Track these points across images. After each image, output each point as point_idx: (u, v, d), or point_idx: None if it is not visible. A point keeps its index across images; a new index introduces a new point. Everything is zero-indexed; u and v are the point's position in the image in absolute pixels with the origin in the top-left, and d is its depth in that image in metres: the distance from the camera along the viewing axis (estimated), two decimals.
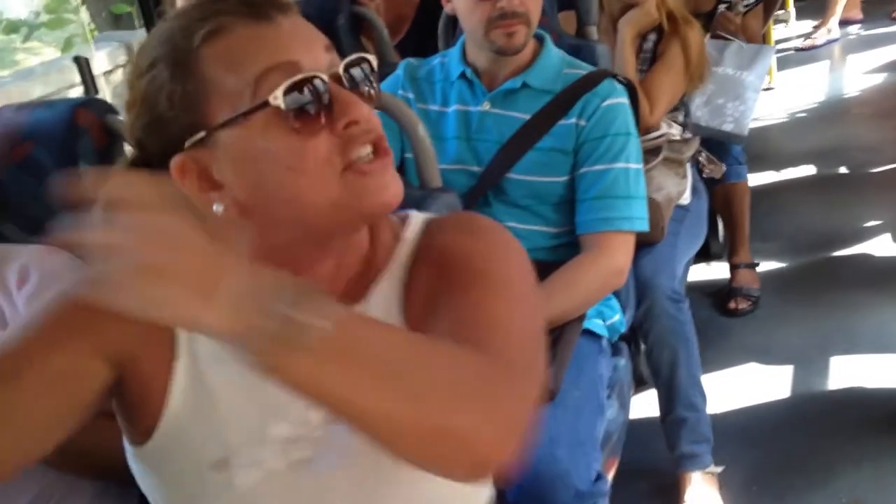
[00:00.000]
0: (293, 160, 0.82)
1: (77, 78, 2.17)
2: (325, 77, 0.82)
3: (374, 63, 0.88)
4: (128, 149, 1.61)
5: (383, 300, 0.92)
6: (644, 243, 1.89)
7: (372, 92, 0.87)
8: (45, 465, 1.35)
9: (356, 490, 0.90)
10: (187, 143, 0.83)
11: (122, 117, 1.61)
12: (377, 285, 0.92)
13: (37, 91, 4.55)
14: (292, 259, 0.87)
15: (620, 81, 1.82)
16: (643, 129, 2.20)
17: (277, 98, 0.80)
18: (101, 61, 4.71)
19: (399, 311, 0.92)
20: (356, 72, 0.86)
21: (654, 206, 1.84)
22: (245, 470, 0.89)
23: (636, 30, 2.35)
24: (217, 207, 0.84)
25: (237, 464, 0.89)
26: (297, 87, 0.80)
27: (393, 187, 0.86)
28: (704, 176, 2.56)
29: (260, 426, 0.89)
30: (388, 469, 0.90)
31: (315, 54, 0.84)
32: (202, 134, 0.82)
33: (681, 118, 2.50)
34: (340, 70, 0.84)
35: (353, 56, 0.86)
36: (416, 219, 0.99)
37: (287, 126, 0.81)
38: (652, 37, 2.41)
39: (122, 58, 5.57)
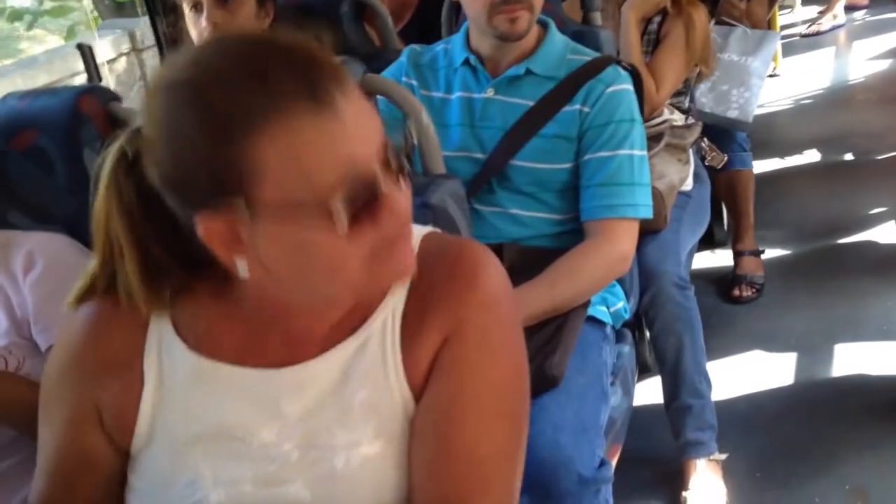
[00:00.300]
0: (338, 262, 0.82)
1: (81, 66, 2.16)
2: (379, 171, 0.81)
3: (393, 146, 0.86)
4: None
5: (380, 333, 0.92)
6: (647, 231, 1.89)
7: (403, 173, 0.85)
8: None
9: None
10: (222, 206, 0.80)
11: (126, 105, 1.61)
12: (376, 318, 0.93)
13: (41, 79, 4.55)
14: (292, 307, 0.90)
15: (625, 68, 1.81)
16: (649, 109, 2.20)
17: (338, 209, 0.78)
18: (104, 49, 4.71)
19: (397, 341, 0.92)
20: (394, 161, 0.83)
21: (656, 194, 1.84)
22: (210, 492, 0.90)
23: (640, 13, 2.34)
24: (241, 265, 0.83)
25: (209, 485, 0.90)
26: (356, 192, 0.79)
27: (410, 262, 0.87)
28: (706, 164, 2.55)
29: (231, 451, 0.91)
30: (365, 500, 0.91)
31: (370, 144, 0.81)
32: (241, 203, 0.79)
33: (685, 104, 2.50)
34: (385, 160, 0.83)
35: (391, 146, 0.84)
36: (414, 236, 0.96)
37: (337, 227, 0.79)
38: (656, 18, 2.40)
39: (125, 45, 5.57)
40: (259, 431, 0.90)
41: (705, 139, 2.51)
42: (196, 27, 1.97)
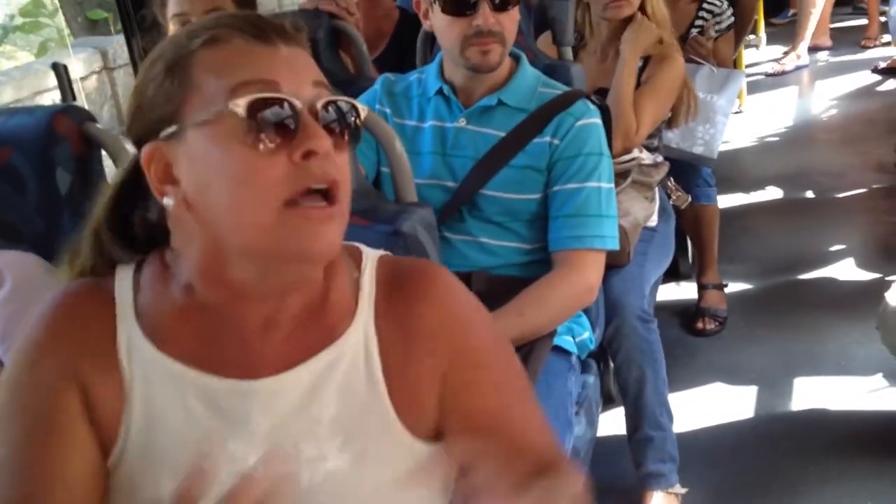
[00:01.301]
0: (242, 173, 0.83)
1: (50, 83, 2.16)
2: (298, 104, 0.84)
3: (362, 113, 0.90)
4: (106, 157, 1.61)
5: (352, 350, 0.93)
6: (610, 266, 1.92)
7: (346, 135, 0.88)
8: None
9: None
10: (161, 134, 0.87)
11: (101, 125, 1.61)
12: (349, 334, 0.93)
13: (7, 95, 4.51)
14: (236, 282, 0.88)
15: (594, 102, 1.85)
16: (625, 147, 2.24)
17: (239, 106, 0.82)
18: (76, 67, 4.69)
19: (374, 354, 0.93)
20: (334, 110, 0.87)
21: (620, 231, 1.87)
22: None
23: (640, 50, 2.35)
24: (168, 201, 0.88)
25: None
26: (266, 103, 0.83)
27: (328, 239, 0.86)
28: (671, 203, 2.59)
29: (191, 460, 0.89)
30: None
31: (299, 83, 0.86)
32: (174, 128, 0.86)
33: (655, 143, 2.54)
34: (319, 105, 0.86)
35: (341, 98, 0.88)
36: (369, 258, 0.99)
37: (248, 140, 0.83)
38: (638, 62, 2.45)
39: (97, 64, 5.54)
40: (226, 444, 0.90)
41: (671, 179, 2.56)
42: None
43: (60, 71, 2.08)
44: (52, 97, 4.40)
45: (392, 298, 0.95)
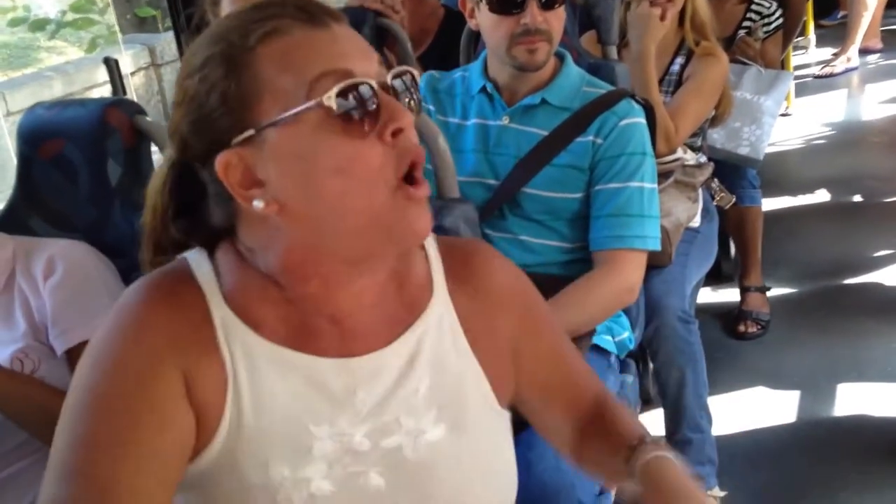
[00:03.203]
0: (342, 162, 0.83)
1: (100, 78, 2.21)
2: (375, 84, 0.84)
3: (417, 76, 0.91)
4: (154, 149, 1.65)
5: (437, 320, 0.96)
6: (651, 266, 1.91)
7: (413, 104, 0.89)
8: None
9: None
10: (235, 141, 0.84)
11: (150, 118, 1.65)
12: (430, 310, 0.96)
13: (58, 90, 4.61)
14: (324, 274, 0.89)
15: (638, 101, 1.84)
16: (667, 148, 2.22)
17: (331, 99, 0.82)
18: (124, 63, 4.78)
19: (457, 328, 0.98)
20: (400, 83, 0.88)
21: (661, 231, 1.85)
22: (290, 491, 0.90)
23: (654, 41, 2.30)
24: (257, 203, 0.85)
25: (283, 485, 0.90)
26: (349, 90, 0.83)
27: (426, 220, 0.88)
28: (714, 203, 2.57)
29: (305, 445, 0.90)
30: (436, 488, 0.93)
31: (367, 63, 0.86)
32: (251, 132, 0.84)
33: (698, 143, 2.52)
34: (388, 79, 0.87)
35: (400, 68, 0.89)
36: (428, 240, 1.02)
37: (337, 128, 0.82)
38: (678, 60, 2.43)
39: (144, 60, 5.63)
40: (334, 422, 0.91)
41: (716, 179, 2.53)
42: None
43: (112, 65, 2.12)
44: (102, 92, 4.49)
45: (457, 273, 1.00)
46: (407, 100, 0.88)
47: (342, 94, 0.82)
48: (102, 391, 0.85)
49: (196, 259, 0.93)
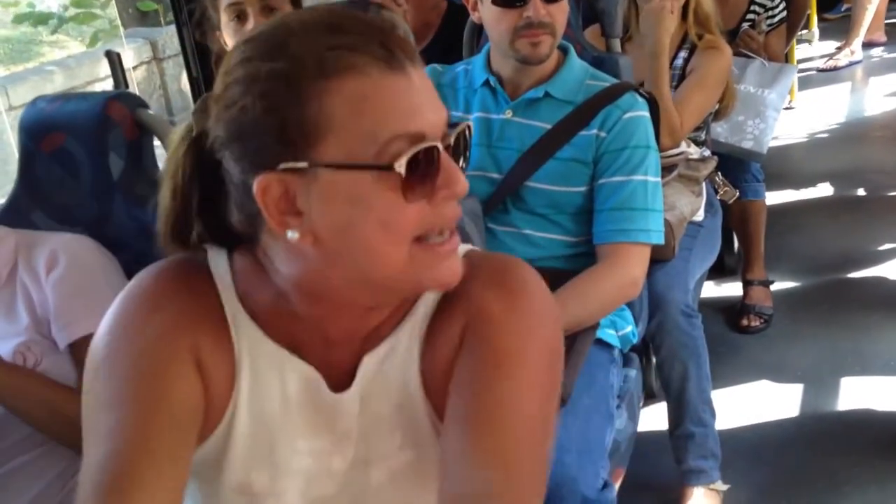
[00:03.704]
0: (390, 219, 0.80)
1: (102, 72, 2.20)
2: (441, 147, 0.82)
3: (471, 130, 0.88)
4: (157, 144, 1.64)
5: (407, 339, 0.92)
6: (655, 260, 1.91)
7: (465, 162, 0.86)
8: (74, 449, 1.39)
9: None
10: (282, 166, 0.80)
11: (152, 111, 1.65)
12: (405, 324, 0.92)
13: (60, 84, 4.60)
14: (336, 299, 0.87)
15: (642, 95, 1.84)
16: (671, 142, 2.21)
17: (401, 167, 0.79)
18: (126, 57, 4.78)
19: (418, 353, 0.92)
20: (461, 143, 0.85)
21: (665, 225, 1.85)
22: (265, 500, 0.90)
23: (668, 36, 2.29)
24: (292, 234, 0.82)
25: (260, 493, 0.90)
26: (418, 156, 0.80)
27: (455, 269, 0.86)
28: (718, 197, 2.57)
29: (287, 457, 0.90)
30: None
31: (436, 119, 0.83)
32: (304, 164, 0.79)
33: (702, 136, 2.51)
34: (452, 140, 0.84)
35: (462, 124, 0.86)
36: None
37: (396, 187, 0.80)
38: (682, 54, 2.42)
39: (146, 54, 5.62)
40: (318, 438, 0.90)
41: (719, 173, 2.53)
42: (239, 37, 1.94)
43: (114, 58, 2.11)
44: (105, 87, 4.49)
45: (463, 286, 0.90)
46: (461, 160, 0.85)
47: (412, 160, 0.79)
48: (116, 361, 0.85)
49: (214, 254, 0.92)
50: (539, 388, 0.87)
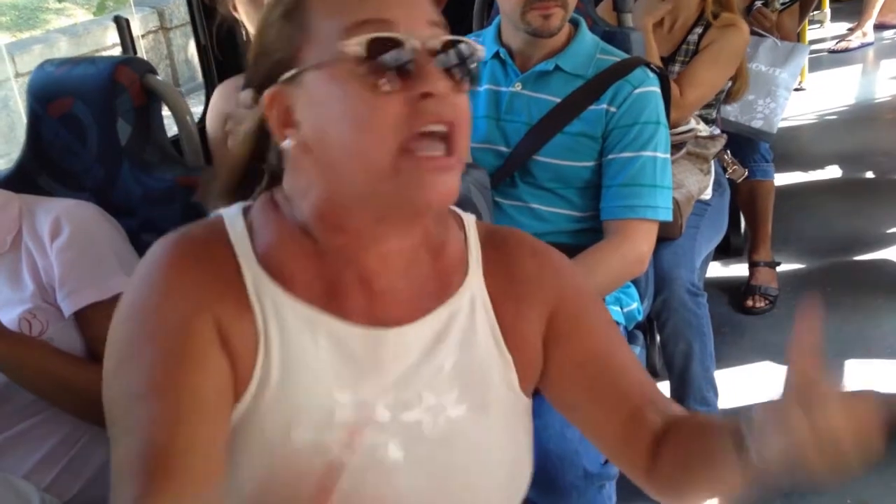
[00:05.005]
0: (360, 115, 0.82)
1: (109, 41, 2.19)
2: (416, 43, 0.82)
3: (480, 54, 0.87)
4: (166, 111, 1.63)
5: (468, 304, 0.95)
6: (661, 238, 1.90)
7: (464, 80, 0.85)
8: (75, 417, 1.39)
9: (422, 482, 0.91)
10: (280, 78, 0.86)
11: (160, 77, 1.63)
12: (464, 290, 0.95)
13: (66, 51, 4.57)
14: (354, 227, 0.88)
15: (653, 70, 1.82)
16: (677, 114, 2.20)
17: (356, 46, 0.80)
18: (133, 26, 4.76)
19: (489, 310, 0.96)
20: (453, 54, 0.84)
21: (673, 203, 1.84)
22: (312, 456, 0.89)
23: (653, 18, 2.33)
24: (286, 144, 0.87)
25: (304, 449, 0.89)
26: (382, 43, 0.81)
27: (443, 189, 0.83)
28: (727, 176, 2.56)
29: (328, 410, 0.89)
30: (452, 466, 0.92)
31: (415, 20, 0.84)
32: (293, 72, 0.86)
33: (712, 115, 2.50)
34: (437, 45, 0.83)
35: (453, 37, 0.85)
36: (468, 218, 1.01)
37: (366, 81, 0.81)
38: (697, 30, 2.40)
39: (153, 24, 5.59)
40: (358, 390, 0.90)
41: (728, 152, 2.51)
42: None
43: (122, 24, 2.10)
44: (112, 55, 4.47)
45: (493, 256, 0.98)
46: (456, 72, 0.84)
47: (373, 46, 0.80)
48: (138, 341, 0.85)
49: (231, 217, 0.93)
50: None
